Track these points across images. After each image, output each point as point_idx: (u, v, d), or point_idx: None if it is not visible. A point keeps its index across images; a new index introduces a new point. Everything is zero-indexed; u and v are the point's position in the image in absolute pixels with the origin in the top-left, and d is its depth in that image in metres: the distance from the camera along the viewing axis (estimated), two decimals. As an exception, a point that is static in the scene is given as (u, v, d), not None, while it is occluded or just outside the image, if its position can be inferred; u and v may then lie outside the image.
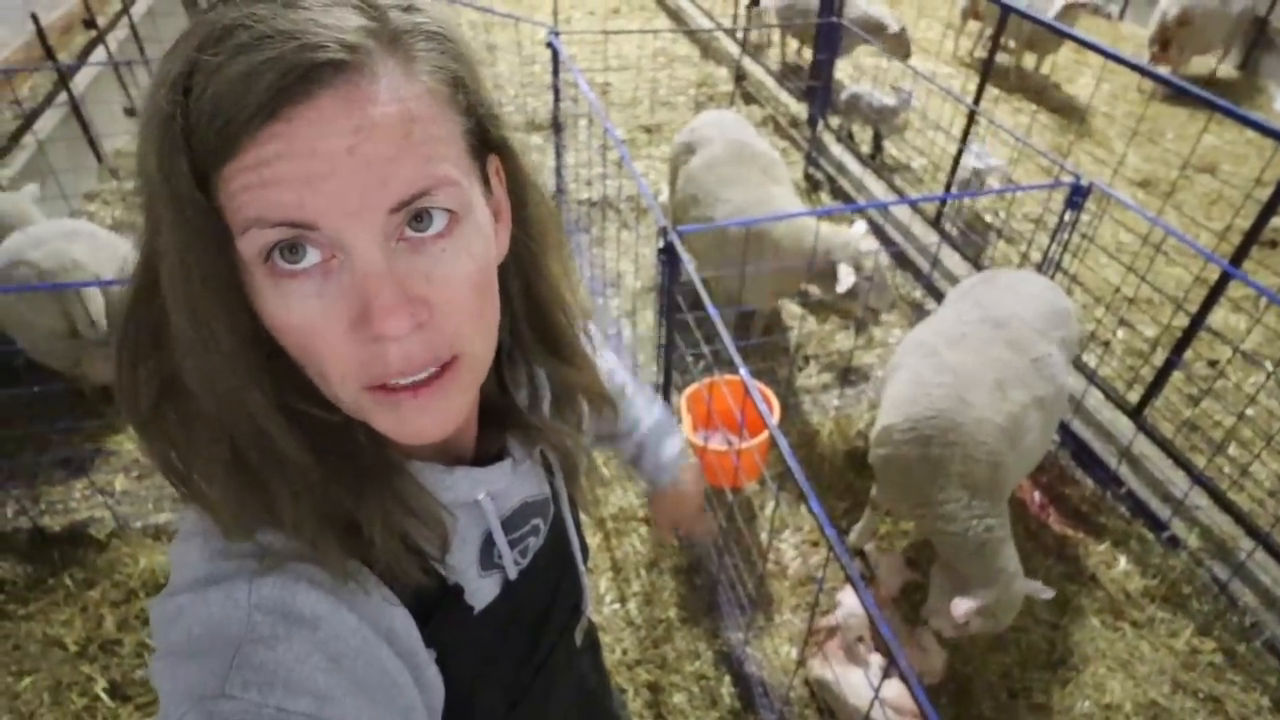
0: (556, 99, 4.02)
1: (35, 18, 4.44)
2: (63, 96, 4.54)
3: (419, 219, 0.53)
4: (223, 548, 0.60)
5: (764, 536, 2.87)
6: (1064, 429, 3.20)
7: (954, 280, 3.95)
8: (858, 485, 3.08)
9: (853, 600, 2.29)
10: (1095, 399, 3.28)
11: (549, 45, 3.78)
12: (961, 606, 2.21)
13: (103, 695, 2.38)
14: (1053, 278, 3.13)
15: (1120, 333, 3.69)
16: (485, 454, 0.75)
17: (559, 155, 4.36)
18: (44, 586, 2.65)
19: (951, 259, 4.10)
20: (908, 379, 2.46)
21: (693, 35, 6.99)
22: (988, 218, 4.50)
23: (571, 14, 7.40)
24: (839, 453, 3.21)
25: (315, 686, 0.54)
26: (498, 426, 0.76)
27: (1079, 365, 3.24)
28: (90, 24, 5.11)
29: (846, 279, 2.93)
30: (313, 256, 0.51)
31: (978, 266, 3.97)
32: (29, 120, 4.47)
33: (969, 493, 2.30)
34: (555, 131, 4.26)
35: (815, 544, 2.89)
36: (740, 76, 6.15)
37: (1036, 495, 3.05)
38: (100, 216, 4.41)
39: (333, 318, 0.52)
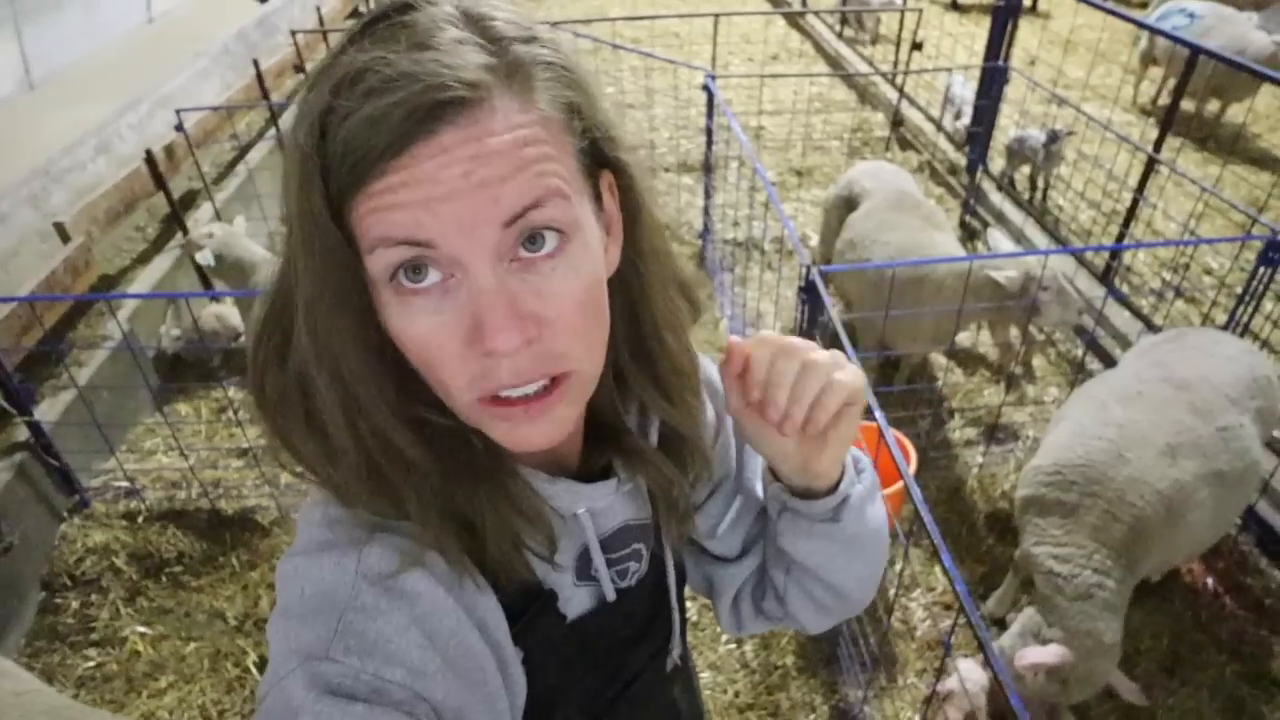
0: (709, 140, 4.11)
1: (256, 63, 5.09)
2: (272, 131, 5.15)
3: (532, 240, 0.56)
4: (340, 515, 0.65)
5: (891, 593, 2.74)
6: (1249, 511, 2.85)
7: (1122, 341, 3.66)
8: (998, 551, 2.88)
9: (969, 671, 2.12)
10: (1289, 481, 2.90)
11: (704, 88, 3.89)
12: (1032, 656, 2.00)
13: (253, 668, 2.60)
14: (1240, 342, 2.82)
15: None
16: (589, 471, 0.75)
17: (708, 195, 4.44)
18: (215, 563, 2.93)
19: (1120, 317, 3.80)
20: (1068, 429, 2.31)
21: (850, 80, 6.94)
22: (1165, 274, 4.14)
23: (730, 60, 7.55)
24: (980, 513, 3.02)
25: (410, 660, 0.58)
26: (604, 444, 0.76)
27: (1271, 442, 2.89)
28: (300, 69, 5.77)
29: (1008, 274, 2.85)
30: (433, 276, 0.55)
31: (1150, 326, 3.65)
32: (243, 151, 5.11)
33: (1096, 545, 2.10)
34: (706, 172, 4.34)
35: (948, 607, 2.73)
36: (898, 122, 6.04)
37: (1210, 582, 2.73)
38: (292, 237, 4.92)
39: (449, 332, 0.56)
